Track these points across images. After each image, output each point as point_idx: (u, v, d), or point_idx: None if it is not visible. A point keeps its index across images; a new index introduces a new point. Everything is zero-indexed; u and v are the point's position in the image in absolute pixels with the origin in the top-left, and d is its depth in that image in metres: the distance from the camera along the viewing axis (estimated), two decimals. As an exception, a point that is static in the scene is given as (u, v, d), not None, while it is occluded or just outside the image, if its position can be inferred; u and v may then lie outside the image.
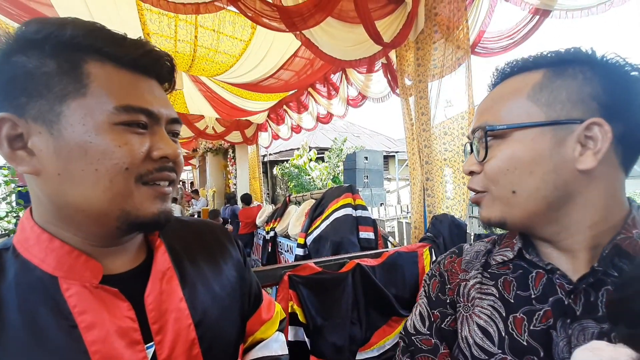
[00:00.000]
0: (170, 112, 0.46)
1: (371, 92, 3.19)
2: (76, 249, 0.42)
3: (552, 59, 0.45)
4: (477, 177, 0.50)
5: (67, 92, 0.38)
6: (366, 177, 6.00)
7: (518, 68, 0.48)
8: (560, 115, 0.43)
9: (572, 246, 0.46)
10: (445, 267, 0.60)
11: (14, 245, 0.43)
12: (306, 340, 1.16)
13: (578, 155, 0.42)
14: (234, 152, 7.11)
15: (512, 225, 0.48)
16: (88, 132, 0.39)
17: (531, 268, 0.49)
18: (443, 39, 2.11)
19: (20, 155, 0.40)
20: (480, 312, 0.51)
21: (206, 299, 0.52)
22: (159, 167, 0.43)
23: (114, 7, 2.24)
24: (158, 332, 0.45)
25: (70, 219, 0.42)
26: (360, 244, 2.12)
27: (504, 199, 0.46)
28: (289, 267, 1.23)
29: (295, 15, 1.75)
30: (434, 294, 0.59)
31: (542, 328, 0.45)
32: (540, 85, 0.44)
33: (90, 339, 0.40)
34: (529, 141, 0.44)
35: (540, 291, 0.47)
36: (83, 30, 0.40)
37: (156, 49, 0.45)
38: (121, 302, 0.43)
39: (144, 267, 0.49)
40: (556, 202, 0.44)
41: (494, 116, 0.47)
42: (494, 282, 0.52)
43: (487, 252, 0.57)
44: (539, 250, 0.50)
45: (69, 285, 0.41)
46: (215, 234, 0.62)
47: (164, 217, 0.45)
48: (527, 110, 0.44)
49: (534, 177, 0.44)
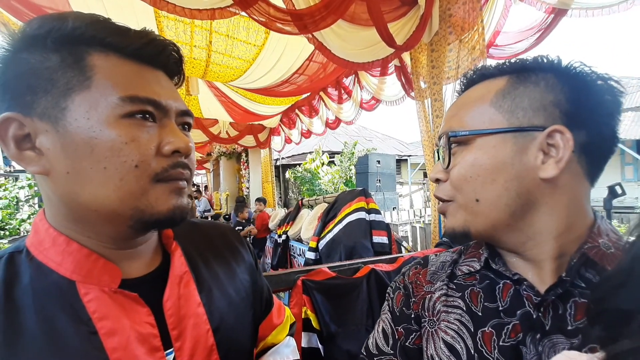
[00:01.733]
0: (180, 104, 0.44)
1: (385, 96, 3.16)
2: (94, 252, 0.41)
3: (516, 66, 0.45)
4: (443, 185, 0.49)
5: (71, 86, 0.37)
6: (378, 180, 5.95)
7: (484, 75, 0.48)
8: (522, 122, 0.42)
9: (538, 256, 0.44)
10: (409, 279, 0.56)
11: (28, 247, 0.41)
12: (320, 347, 1.14)
13: (540, 163, 0.42)
14: (247, 156, 7.18)
15: (476, 235, 0.47)
16: (93, 127, 0.37)
17: (498, 279, 0.47)
18: (458, 41, 2.07)
19: (28, 156, 0.38)
20: (446, 327, 0.48)
21: (222, 304, 0.51)
22: (172, 163, 0.41)
23: (133, 16, 2.31)
24: (177, 338, 0.44)
25: (82, 220, 0.40)
26: (374, 248, 2.09)
27: (468, 208, 0.45)
28: (302, 271, 1.22)
29: (307, 17, 1.75)
30: (398, 308, 0.55)
31: (511, 344, 0.43)
32: (503, 92, 0.44)
33: (111, 346, 0.39)
34: (490, 148, 0.43)
35: (507, 303, 0.45)
36: (85, 22, 0.38)
37: (161, 38, 0.43)
38: (140, 308, 0.42)
39: (161, 271, 0.48)
40: (519, 211, 0.43)
41: (458, 123, 0.46)
42: (461, 293, 0.49)
43: (453, 263, 0.54)
44: (505, 260, 0.48)
45: (87, 289, 0.40)
46: (227, 236, 0.60)
47: (179, 212, 0.42)
48: (490, 116, 0.44)
49: (496, 184, 0.43)
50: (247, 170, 7.27)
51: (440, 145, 0.48)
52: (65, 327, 0.38)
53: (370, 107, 3.39)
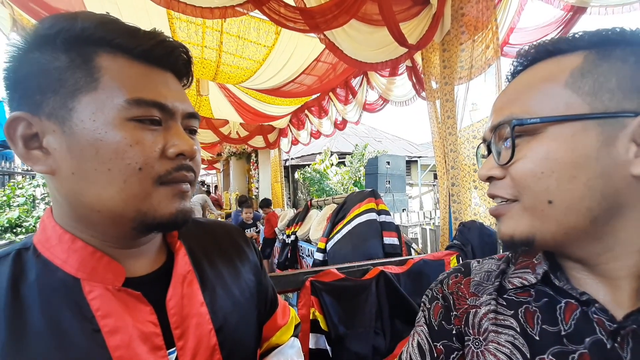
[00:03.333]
0: (186, 106, 0.44)
1: (394, 96, 3.13)
2: (98, 250, 0.41)
3: (594, 39, 0.37)
4: (500, 183, 0.41)
5: (78, 87, 0.37)
6: (388, 182, 5.90)
7: (548, 51, 0.39)
8: (609, 107, 0.34)
9: (615, 272, 0.37)
10: (449, 289, 0.49)
11: (35, 244, 0.42)
12: (327, 348, 1.13)
13: (633, 156, 0.34)
14: (256, 156, 7.22)
15: (541, 244, 0.39)
16: (98, 129, 0.37)
17: (559, 297, 0.40)
18: (470, 40, 2.04)
19: (35, 155, 0.39)
20: (496, 350, 0.41)
21: (226, 304, 0.51)
22: (176, 166, 0.41)
23: (146, 16, 2.35)
24: (180, 338, 0.44)
25: (86, 219, 0.41)
26: (385, 249, 2.07)
27: (537, 211, 0.37)
28: (310, 272, 1.21)
29: (318, 16, 1.75)
30: (437, 321, 0.48)
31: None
32: (582, 71, 0.36)
33: (113, 344, 0.39)
34: (568, 138, 0.35)
35: (572, 327, 0.38)
36: (94, 22, 0.38)
37: (170, 39, 0.43)
38: (143, 306, 0.42)
39: (165, 270, 0.48)
40: (602, 216, 0.35)
41: (522, 108, 0.38)
42: (513, 311, 0.42)
43: (500, 273, 0.47)
44: (568, 274, 0.41)
45: (91, 287, 0.40)
46: (232, 235, 0.60)
47: (182, 216, 0.42)
48: (566, 100, 0.36)
49: (576, 183, 0.35)
50: (256, 170, 7.31)
51: (495, 137, 0.41)
52: (70, 323, 0.38)
53: (372, 109, 3.37)
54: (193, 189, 0.45)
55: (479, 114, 2.04)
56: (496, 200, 0.42)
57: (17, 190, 3.73)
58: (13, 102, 0.39)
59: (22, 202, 3.67)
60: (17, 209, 3.53)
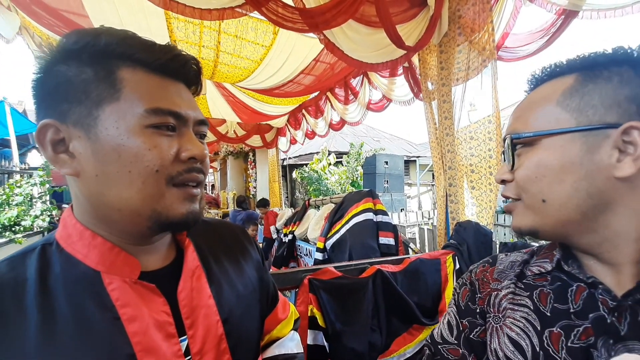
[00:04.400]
0: (197, 114, 0.48)
1: (395, 96, 3.14)
2: (116, 245, 0.45)
3: (585, 62, 0.44)
4: (510, 185, 0.49)
5: (103, 98, 0.41)
6: (386, 181, 5.93)
7: (551, 74, 0.47)
8: (593, 121, 0.41)
9: (617, 259, 0.43)
10: (476, 276, 0.58)
11: (57, 240, 0.45)
12: (325, 344, 1.15)
13: (615, 161, 0.40)
14: (254, 155, 7.22)
15: (544, 235, 0.46)
16: (121, 136, 0.41)
17: (571, 281, 0.46)
18: (467, 42, 2.06)
19: (62, 159, 0.43)
20: (512, 323, 0.48)
21: (231, 297, 0.54)
22: (187, 168, 0.45)
23: (143, 16, 2.35)
24: (190, 327, 0.47)
25: (106, 218, 0.44)
26: (380, 249, 2.09)
27: (535, 208, 0.45)
28: (309, 270, 1.23)
29: (317, 16, 1.77)
30: (464, 302, 0.57)
31: (581, 345, 0.42)
32: (571, 91, 0.43)
33: (132, 331, 0.42)
34: (557, 148, 0.43)
35: (580, 306, 0.44)
36: (116, 38, 0.42)
37: (183, 53, 0.47)
38: (157, 297, 0.46)
39: (175, 265, 0.51)
40: (591, 211, 0.42)
41: (523, 124, 0.46)
42: (529, 293, 0.49)
43: (523, 263, 0.54)
44: (581, 262, 0.47)
45: (110, 279, 0.43)
46: (236, 234, 0.64)
47: (192, 217, 0.46)
48: (556, 116, 0.43)
49: (564, 185, 0.42)
50: (254, 169, 7.31)
51: (505, 147, 0.48)
52: (93, 312, 0.42)
53: (378, 108, 3.38)
54: (202, 187, 0.50)
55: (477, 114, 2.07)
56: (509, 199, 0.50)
57: (16, 189, 3.72)
58: (41, 110, 0.43)
59: (20, 201, 3.66)
60: (15, 208, 3.52)
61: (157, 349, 0.43)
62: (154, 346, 0.43)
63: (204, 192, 0.50)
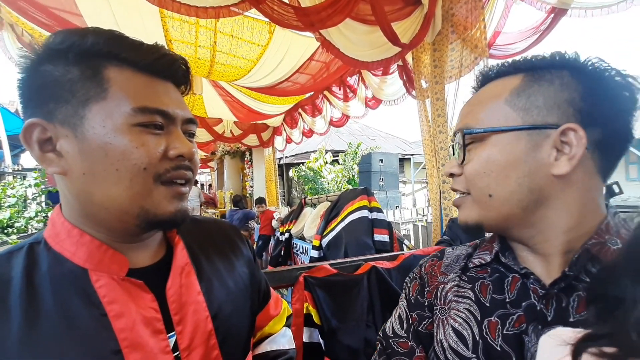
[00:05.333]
0: (186, 113, 0.48)
1: (385, 95, 3.17)
2: (104, 243, 0.45)
3: (531, 64, 0.46)
4: (458, 179, 0.50)
5: (89, 97, 0.41)
6: (381, 179, 5.95)
7: (499, 72, 0.49)
8: (537, 120, 0.43)
9: (547, 250, 0.46)
10: (425, 270, 0.60)
11: (45, 239, 0.46)
12: (321, 342, 1.16)
13: (553, 160, 0.43)
14: (250, 155, 7.21)
15: (488, 228, 0.49)
16: (108, 134, 0.41)
17: (507, 272, 0.49)
18: (460, 40, 2.08)
19: (49, 157, 0.43)
20: (456, 315, 0.51)
21: (221, 293, 0.54)
22: (175, 165, 0.45)
23: (138, 16, 2.34)
24: (179, 323, 0.48)
25: (94, 216, 0.44)
26: (375, 246, 2.11)
27: (481, 202, 0.47)
28: (304, 268, 1.24)
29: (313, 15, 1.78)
30: (413, 296, 0.59)
31: (514, 332, 0.45)
32: (518, 91, 0.45)
33: (119, 327, 0.42)
34: (504, 145, 0.44)
35: (514, 295, 0.47)
36: (103, 38, 0.42)
37: (171, 53, 0.47)
38: (145, 294, 0.46)
39: (164, 262, 0.51)
40: (531, 206, 0.44)
41: (473, 120, 0.47)
42: (472, 285, 0.52)
43: (467, 256, 0.57)
44: (516, 254, 0.50)
45: (98, 277, 0.44)
46: (227, 232, 0.65)
47: (180, 216, 0.47)
48: (505, 114, 0.45)
49: (509, 180, 0.44)
50: (250, 169, 7.31)
51: (456, 142, 0.50)
52: (79, 309, 0.42)
53: (374, 105, 3.41)
54: (191, 185, 0.50)
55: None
56: (457, 193, 0.52)
57: (8, 191, 3.68)
58: (28, 109, 0.43)
59: (13, 203, 3.63)
60: (8, 210, 3.49)
61: (144, 345, 0.43)
62: (140, 342, 0.43)
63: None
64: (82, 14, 2.24)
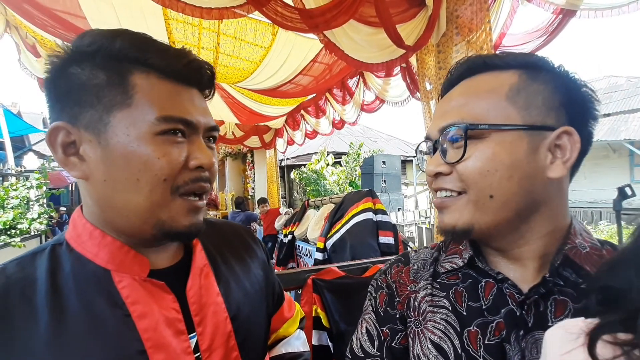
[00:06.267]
0: (209, 120, 0.48)
1: (389, 96, 3.16)
2: (125, 244, 0.45)
3: (524, 61, 0.45)
4: (447, 178, 0.46)
5: (114, 103, 0.41)
6: (384, 181, 5.94)
7: (486, 65, 0.46)
8: (537, 121, 0.42)
9: (523, 254, 0.45)
10: (392, 278, 0.55)
11: (67, 240, 0.46)
12: (330, 344, 1.15)
13: (549, 163, 0.42)
14: (252, 156, 7.22)
15: (478, 233, 0.44)
16: (131, 143, 0.41)
17: (480, 277, 0.47)
18: (464, 41, 2.08)
19: (72, 161, 0.43)
20: (433, 327, 0.47)
21: (238, 295, 0.54)
22: (194, 177, 0.45)
23: (142, 18, 2.34)
24: (199, 324, 0.48)
25: (112, 222, 0.44)
26: (380, 249, 2.10)
27: (479, 203, 0.43)
28: (312, 270, 1.23)
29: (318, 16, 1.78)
30: (382, 308, 0.54)
31: (496, 341, 0.43)
32: (518, 88, 0.43)
33: (142, 327, 0.43)
34: (507, 144, 0.42)
35: (490, 302, 0.45)
36: (131, 41, 0.42)
37: (198, 59, 0.47)
38: (167, 295, 0.46)
39: (183, 263, 0.51)
40: (524, 210, 0.43)
41: (470, 114, 0.43)
42: (445, 293, 0.49)
43: (434, 261, 0.54)
44: (487, 258, 0.48)
45: (120, 277, 0.44)
46: (241, 234, 0.65)
47: (195, 229, 0.47)
48: (506, 111, 0.42)
49: (512, 181, 0.42)
50: (252, 170, 7.31)
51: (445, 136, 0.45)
52: (103, 309, 0.42)
53: (370, 109, 3.40)
54: (207, 197, 0.50)
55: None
56: (440, 194, 0.48)
57: (11, 192, 3.68)
58: (54, 112, 0.43)
59: (16, 204, 3.62)
60: (11, 211, 3.49)
61: (167, 345, 0.43)
62: (164, 342, 0.43)
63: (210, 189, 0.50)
64: (85, 17, 2.24)
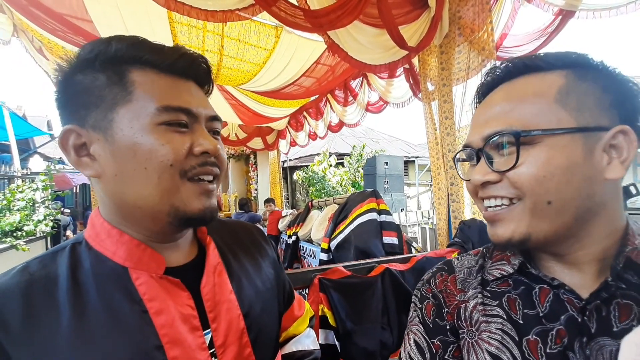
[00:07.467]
0: (209, 111, 0.49)
1: (392, 97, 3.17)
2: (142, 242, 0.47)
3: (569, 61, 0.43)
4: (498, 186, 0.44)
5: (116, 100, 0.43)
6: (386, 182, 5.94)
7: (527, 67, 0.45)
8: (590, 122, 0.40)
9: (581, 259, 0.43)
10: (438, 288, 0.54)
11: (86, 239, 0.48)
12: (336, 343, 1.16)
13: (606, 164, 0.41)
14: (255, 158, 7.24)
15: (534, 243, 0.43)
16: (135, 134, 0.43)
17: (533, 283, 0.46)
18: (467, 42, 2.09)
19: (85, 162, 0.45)
20: (489, 337, 0.46)
21: (250, 293, 0.56)
22: (201, 162, 0.46)
23: (147, 21, 2.37)
24: (214, 320, 0.49)
25: (129, 216, 0.46)
26: (385, 249, 2.10)
27: (536, 210, 0.42)
28: (318, 270, 1.24)
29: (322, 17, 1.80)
30: (430, 319, 0.52)
31: (558, 350, 0.41)
32: (567, 89, 0.41)
33: (159, 323, 0.44)
34: (561, 148, 0.40)
35: (547, 309, 0.44)
36: (125, 43, 0.45)
37: (190, 52, 0.48)
38: (182, 292, 0.48)
39: (197, 261, 0.53)
40: (583, 215, 0.41)
41: (518, 121, 0.42)
42: (498, 301, 0.47)
43: (480, 268, 0.52)
44: (539, 263, 0.47)
45: (138, 275, 0.45)
46: (251, 233, 0.66)
47: (209, 212, 0.48)
48: (557, 115, 0.41)
49: (570, 186, 0.40)
50: (255, 172, 7.33)
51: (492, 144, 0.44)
52: (122, 305, 0.44)
53: (377, 110, 3.41)
54: (218, 182, 0.51)
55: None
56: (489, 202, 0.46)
57: (17, 194, 3.72)
58: (63, 117, 0.46)
59: (22, 206, 3.66)
60: (17, 213, 3.52)
61: (183, 341, 0.45)
62: (180, 338, 0.45)
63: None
64: (92, 20, 2.27)
